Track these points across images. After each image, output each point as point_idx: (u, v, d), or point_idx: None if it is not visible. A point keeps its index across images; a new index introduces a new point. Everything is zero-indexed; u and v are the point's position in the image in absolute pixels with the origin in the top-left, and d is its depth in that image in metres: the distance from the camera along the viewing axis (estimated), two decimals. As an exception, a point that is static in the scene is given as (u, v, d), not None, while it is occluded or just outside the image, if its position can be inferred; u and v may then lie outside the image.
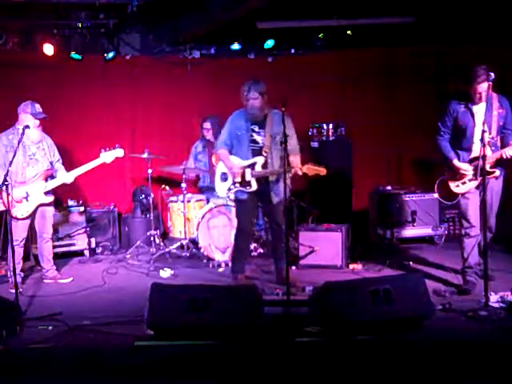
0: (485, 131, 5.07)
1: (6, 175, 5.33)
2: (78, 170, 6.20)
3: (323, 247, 6.58)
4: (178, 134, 8.41)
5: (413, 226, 7.57)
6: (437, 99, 7.95)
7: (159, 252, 7.06)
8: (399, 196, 7.61)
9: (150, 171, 7.17)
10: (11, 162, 5.46)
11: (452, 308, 5.01)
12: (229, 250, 6.78)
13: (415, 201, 7.58)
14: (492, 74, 5.13)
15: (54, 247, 6.65)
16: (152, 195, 7.28)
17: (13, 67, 7.54)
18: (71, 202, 7.48)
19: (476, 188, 5.44)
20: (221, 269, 6.69)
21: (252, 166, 5.83)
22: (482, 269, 5.23)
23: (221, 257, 6.85)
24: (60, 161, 6.32)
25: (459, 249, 5.67)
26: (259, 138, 5.82)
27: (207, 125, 7.65)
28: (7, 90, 7.48)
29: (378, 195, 7.83)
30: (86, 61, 7.96)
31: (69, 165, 6.44)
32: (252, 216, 6.18)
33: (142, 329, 4.63)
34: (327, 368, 4.10)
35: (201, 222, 6.92)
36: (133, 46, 8.28)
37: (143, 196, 7.71)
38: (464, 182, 5.51)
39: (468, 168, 5.45)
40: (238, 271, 6.07)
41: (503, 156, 5.34)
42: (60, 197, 6.88)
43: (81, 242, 7.43)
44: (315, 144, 7.82)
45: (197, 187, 7.92)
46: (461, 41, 7.83)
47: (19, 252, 5.96)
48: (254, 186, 5.85)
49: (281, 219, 5.67)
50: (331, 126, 7.92)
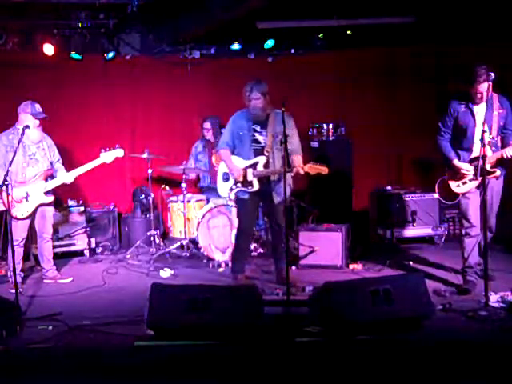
0: (485, 131, 5.08)
1: (6, 175, 5.33)
2: (78, 170, 6.20)
3: (323, 247, 6.58)
4: (178, 134, 8.40)
5: (413, 226, 7.57)
6: (437, 99, 7.97)
7: (159, 252, 7.06)
8: (399, 196, 7.61)
9: (150, 171, 7.17)
10: (11, 162, 5.46)
11: (452, 308, 5.00)
12: (229, 250, 6.78)
13: (415, 201, 7.58)
14: (492, 74, 5.14)
15: (54, 247, 6.65)
16: (152, 195, 7.28)
17: (13, 67, 7.53)
18: (71, 202, 7.48)
19: (477, 188, 5.44)
20: (221, 269, 6.69)
21: (254, 166, 5.83)
22: (482, 269, 5.24)
23: (221, 257, 6.84)
24: (60, 161, 6.33)
25: (459, 249, 5.67)
26: (261, 138, 5.82)
27: (207, 125, 7.65)
28: (7, 90, 7.47)
29: (378, 195, 7.83)
30: (86, 61, 7.95)
31: (69, 165, 6.44)
32: (253, 216, 6.19)
33: (142, 329, 4.63)
34: (327, 368, 4.10)
35: (201, 222, 6.92)
36: (133, 46, 8.28)
37: (143, 196, 7.71)
38: (465, 182, 5.51)
39: (468, 168, 5.45)
40: (238, 271, 6.07)
41: (504, 156, 5.34)
42: (60, 197, 6.88)
43: (81, 242, 7.43)
44: (315, 144, 7.83)
45: (197, 187, 7.92)
46: (461, 41, 7.83)
47: (19, 252, 5.96)
48: (256, 186, 5.85)
49: (281, 219, 5.67)
50: (331, 126, 7.92)
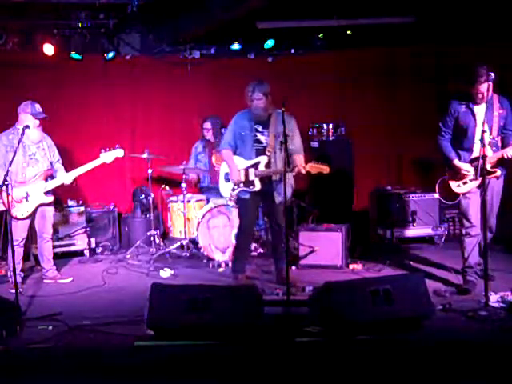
0: (485, 131, 5.09)
1: (6, 175, 5.33)
2: (78, 171, 6.20)
3: (323, 247, 6.58)
4: (178, 134, 8.40)
5: (413, 226, 7.58)
6: (437, 99, 7.97)
7: (159, 252, 7.06)
8: (399, 196, 7.61)
9: (150, 171, 7.17)
10: (11, 162, 5.46)
11: (452, 308, 5.00)
12: (229, 250, 6.78)
13: (415, 201, 7.58)
14: (492, 74, 5.14)
15: (54, 247, 6.65)
16: (152, 195, 7.28)
17: (13, 67, 7.53)
18: (71, 202, 7.48)
19: (477, 188, 5.44)
20: (221, 269, 6.69)
21: (255, 166, 5.83)
22: (482, 269, 5.24)
23: (221, 257, 6.84)
24: (60, 161, 6.32)
25: (459, 248, 5.67)
26: (263, 138, 5.82)
27: (207, 125, 7.64)
28: (7, 90, 7.47)
29: (378, 195, 7.83)
30: (86, 61, 7.95)
31: (69, 165, 6.44)
32: (254, 216, 6.19)
33: (142, 329, 4.63)
34: (327, 368, 4.10)
35: (201, 222, 6.92)
36: (133, 46, 8.28)
37: (143, 196, 7.71)
38: (465, 182, 5.51)
39: (469, 168, 5.45)
40: (239, 271, 6.06)
41: (504, 156, 5.34)
42: (60, 197, 6.88)
43: (81, 242, 7.43)
44: (315, 144, 7.83)
45: (197, 187, 7.92)
46: (461, 41, 7.83)
47: (19, 252, 5.96)
48: (258, 186, 5.85)
49: (282, 219, 5.66)
50: (331, 126, 7.92)
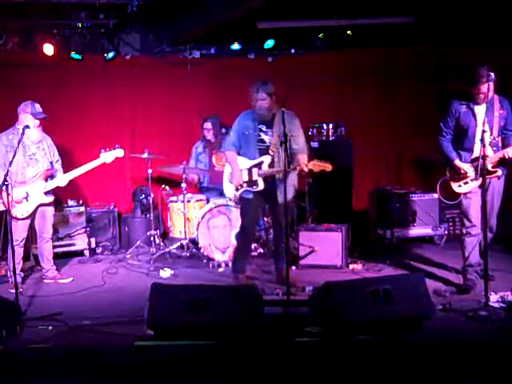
0: (485, 131, 5.09)
1: (6, 175, 5.32)
2: (78, 171, 6.20)
3: (323, 247, 6.58)
4: (178, 134, 8.40)
5: (413, 226, 7.58)
6: (437, 99, 7.97)
7: (159, 252, 7.06)
8: (399, 196, 7.61)
9: (150, 171, 7.17)
10: (11, 162, 5.45)
11: (452, 308, 5.00)
12: (229, 250, 6.79)
13: (415, 201, 7.59)
14: (492, 74, 5.15)
15: (54, 247, 6.64)
16: (152, 195, 7.28)
17: (13, 67, 7.53)
18: (71, 202, 7.48)
19: (478, 187, 5.43)
20: (221, 269, 6.69)
21: (259, 166, 5.84)
22: (483, 269, 5.24)
23: (221, 257, 6.84)
24: (59, 161, 6.32)
25: (460, 248, 5.68)
26: (266, 138, 5.82)
27: (208, 125, 7.63)
28: (7, 90, 7.47)
29: (378, 195, 7.83)
30: (86, 61, 7.95)
31: (69, 165, 6.44)
32: (256, 216, 6.18)
33: (142, 329, 4.63)
34: (327, 368, 4.10)
35: (201, 222, 6.91)
36: (133, 46, 8.28)
37: (143, 196, 7.71)
38: (466, 182, 5.51)
39: (469, 168, 5.46)
40: (239, 271, 6.06)
41: (505, 156, 5.35)
42: (60, 197, 6.87)
43: (81, 242, 7.43)
44: (315, 144, 7.81)
45: (197, 187, 7.91)
46: (461, 41, 7.83)
47: (19, 252, 5.96)
48: (261, 186, 5.85)
49: (283, 219, 5.64)
50: (331, 126, 7.92)
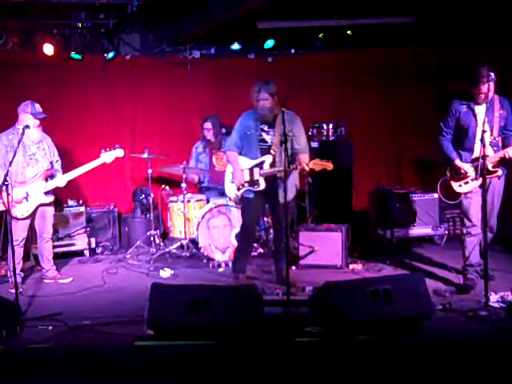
0: (485, 131, 5.10)
1: (6, 175, 5.33)
2: (78, 171, 6.20)
3: (323, 247, 6.58)
4: (178, 134, 8.40)
5: (413, 226, 7.58)
6: (437, 99, 7.97)
7: (159, 252, 7.06)
8: (399, 196, 7.61)
9: (150, 171, 7.17)
10: (11, 162, 5.45)
11: (452, 308, 5.00)
12: (229, 250, 6.79)
13: (415, 201, 7.59)
14: (492, 74, 5.16)
15: (54, 247, 6.64)
16: (152, 195, 7.28)
17: (13, 67, 7.52)
18: (71, 202, 7.48)
19: (479, 187, 5.42)
20: (221, 269, 6.68)
21: (260, 165, 5.84)
22: (483, 269, 5.24)
23: (221, 257, 6.84)
24: (59, 162, 6.31)
25: (460, 248, 5.68)
26: (268, 138, 5.82)
27: (208, 125, 7.63)
28: (7, 90, 7.46)
29: (378, 195, 7.83)
30: (86, 61, 7.95)
31: (69, 165, 6.44)
32: (257, 216, 6.17)
33: (142, 329, 4.63)
34: (327, 368, 4.10)
35: (201, 222, 6.91)
36: (133, 46, 8.27)
37: (143, 196, 7.70)
38: (467, 182, 5.52)
39: (470, 168, 5.46)
40: (240, 271, 6.06)
41: (506, 156, 5.36)
42: (60, 197, 6.87)
43: (81, 242, 7.43)
44: (315, 144, 7.81)
45: (197, 187, 7.92)
46: (461, 41, 7.83)
47: (19, 252, 5.96)
48: (262, 185, 5.85)
49: (287, 219, 5.62)
50: (331, 126, 7.92)
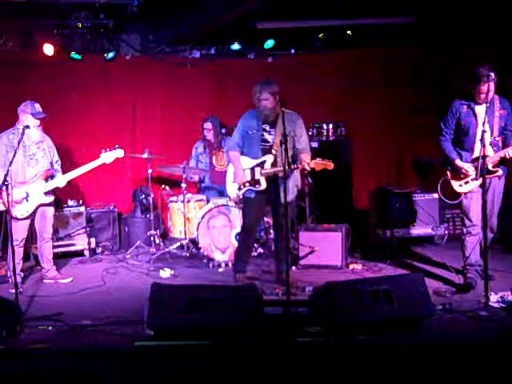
0: (485, 131, 5.10)
1: (6, 175, 5.33)
2: (78, 171, 6.19)
3: (323, 247, 6.58)
4: (178, 134, 8.39)
5: (413, 226, 7.58)
6: (437, 99, 7.97)
7: (159, 252, 7.06)
8: (399, 196, 7.61)
9: (150, 171, 7.17)
10: (11, 162, 5.45)
11: (452, 308, 5.00)
12: (229, 250, 6.79)
13: (415, 201, 7.59)
14: (492, 74, 5.17)
15: (54, 247, 6.64)
16: (152, 195, 7.28)
17: (13, 67, 7.51)
18: (71, 202, 7.47)
19: (479, 187, 5.43)
20: (221, 269, 6.69)
21: (262, 165, 5.84)
22: (483, 268, 5.24)
23: (221, 257, 6.84)
24: (59, 162, 6.30)
25: (461, 247, 5.69)
26: (270, 137, 5.82)
27: (208, 125, 7.62)
28: (7, 90, 7.46)
29: (378, 195, 7.83)
30: (86, 61, 7.94)
31: (69, 165, 6.44)
32: (258, 216, 6.17)
33: (142, 329, 4.63)
34: (327, 368, 4.10)
35: (201, 222, 6.91)
36: (133, 46, 8.26)
37: (143, 196, 7.70)
38: (467, 182, 5.52)
39: (470, 168, 5.46)
40: (239, 271, 6.06)
41: (506, 156, 5.37)
42: (60, 197, 6.87)
43: (81, 242, 7.42)
44: (315, 144, 7.81)
45: (197, 187, 7.92)
46: (461, 41, 7.83)
47: (19, 252, 5.96)
48: (264, 185, 5.85)
49: (287, 220, 5.62)
50: (331, 126, 7.93)
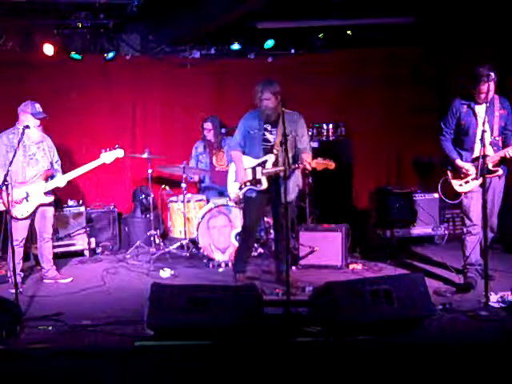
0: (485, 131, 5.11)
1: (6, 175, 5.33)
2: (78, 171, 6.19)
3: (323, 247, 6.58)
4: (178, 134, 8.39)
5: (413, 226, 7.58)
6: (437, 99, 7.97)
7: (159, 252, 7.06)
8: (399, 196, 7.61)
9: (150, 171, 7.16)
10: (11, 162, 5.45)
11: (452, 308, 5.01)
12: (229, 250, 6.79)
13: (415, 201, 7.59)
14: (492, 74, 5.17)
15: (54, 247, 6.64)
16: (152, 195, 7.28)
17: (13, 67, 7.51)
18: (71, 202, 7.47)
19: (479, 187, 5.43)
20: (221, 269, 6.69)
21: (263, 164, 5.84)
22: (483, 268, 5.25)
23: (221, 257, 6.84)
24: (58, 162, 6.29)
25: (461, 247, 5.69)
26: (271, 137, 5.82)
27: (208, 125, 7.62)
28: (7, 90, 7.46)
29: (378, 195, 7.83)
30: (86, 61, 7.93)
31: (69, 165, 6.43)
32: (258, 216, 6.17)
33: (142, 329, 4.63)
34: (327, 368, 4.10)
35: (201, 222, 6.91)
36: (133, 46, 8.25)
37: (143, 196, 7.70)
38: (467, 181, 5.53)
39: (470, 167, 5.46)
40: (239, 271, 6.06)
41: (506, 155, 5.37)
42: (60, 197, 6.87)
43: (81, 242, 7.42)
44: (315, 144, 7.81)
45: (197, 187, 7.92)
46: (461, 41, 7.83)
47: (19, 252, 5.96)
48: (265, 184, 5.85)
49: (287, 220, 5.62)
50: (331, 126, 7.93)
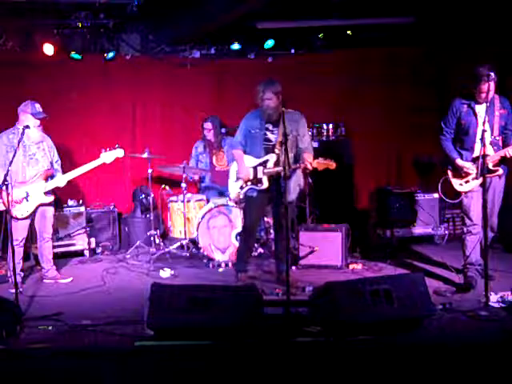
0: (485, 131, 5.11)
1: (6, 175, 5.33)
2: (78, 171, 6.19)
3: (323, 247, 6.58)
4: (178, 134, 8.39)
5: (413, 226, 7.58)
6: (437, 99, 7.98)
7: (159, 252, 7.06)
8: (399, 196, 7.61)
9: (150, 171, 7.16)
10: (11, 162, 5.46)
11: (452, 308, 5.01)
12: (229, 250, 6.79)
13: (415, 200, 7.59)
14: (492, 74, 5.17)
15: (54, 247, 6.64)
16: (152, 195, 7.28)
17: (13, 67, 7.51)
18: (71, 202, 7.47)
19: (480, 186, 5.43)
20: (221, 269, 6.69)
21: (264, 164, 5.84)
22: (483, 268, 5.25)
23: (221, 257, 6.84)
24: (58, 162, 6.29)
25: (461, 246, 5.70)
26: (273, 137, 5.83)
27: (208, 125, 7.62)
28: (7, 90, 7.45)
29: (378, 195, 7.84)
30: (86, 61, 7.93)
31: (69, 165, 6.43)
32: (259, 215, 6.17)
33: (142, 329, 4.63)
34: (327, 368, 4.10)
35: (201, 222, 6.91)
36: (133, 46, 8.26)
37: (143, 196, 7.70)
38: (467, 181, 5.53)
39: (471, 167, 5.47)
40: (240, 270, 6.07)
41: (506, 155, 5.37)
42: (60, 197, 6.87)
43: (81, 242, 7.42)
44: (315, 144, 7.81)
45: (197, 187, 7.92)
46: (461, 41, 7.83)
47: (19, 252, 5.96)
48: (266, 184, 5.85)
49: (287, 220, 5.63)
50: (331, 126, 7.93)
